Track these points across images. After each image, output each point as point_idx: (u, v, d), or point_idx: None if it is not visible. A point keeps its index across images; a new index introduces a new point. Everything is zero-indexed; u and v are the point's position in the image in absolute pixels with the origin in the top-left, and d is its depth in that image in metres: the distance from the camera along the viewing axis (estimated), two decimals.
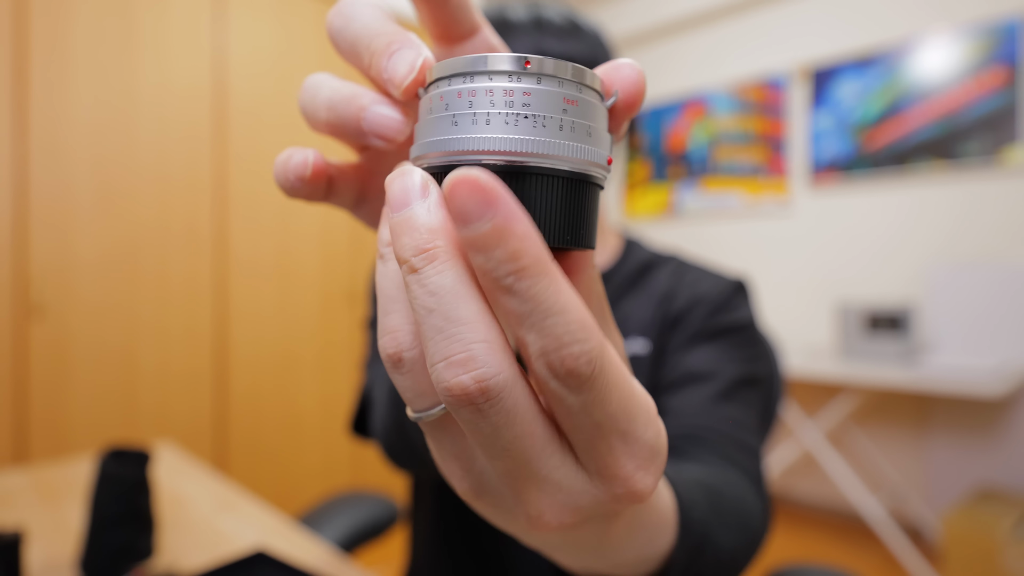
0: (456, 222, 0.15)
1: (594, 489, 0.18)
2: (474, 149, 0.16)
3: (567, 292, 0.15)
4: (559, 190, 0.17)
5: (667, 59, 3.18)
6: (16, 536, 0.60)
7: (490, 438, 0.16)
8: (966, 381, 1.79)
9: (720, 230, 3.00)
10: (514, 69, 0.17)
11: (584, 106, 0.17)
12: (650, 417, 0.18)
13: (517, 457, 0.17)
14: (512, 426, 0.16)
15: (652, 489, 0.18)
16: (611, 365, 0.16)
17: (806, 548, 2.33)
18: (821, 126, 2.63)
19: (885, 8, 2.47)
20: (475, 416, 0.16)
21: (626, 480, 0.18)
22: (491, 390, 0.15)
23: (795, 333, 2.75)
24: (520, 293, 0.14)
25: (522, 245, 0.14)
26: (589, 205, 0.18)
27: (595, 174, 0.17)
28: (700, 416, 0.53)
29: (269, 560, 0.60)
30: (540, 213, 0.17)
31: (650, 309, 0.63)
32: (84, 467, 1.02)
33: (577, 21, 0.62)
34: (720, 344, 0.59)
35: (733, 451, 0.50)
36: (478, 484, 0.20)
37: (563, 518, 0.18)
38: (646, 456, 0.18)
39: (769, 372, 0.86)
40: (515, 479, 0.18)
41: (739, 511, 0.41)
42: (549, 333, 0.15)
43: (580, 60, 0.60)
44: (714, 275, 0.65)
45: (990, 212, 2.23)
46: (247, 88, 2.14)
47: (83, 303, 1.80)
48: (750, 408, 0.56)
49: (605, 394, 0.16)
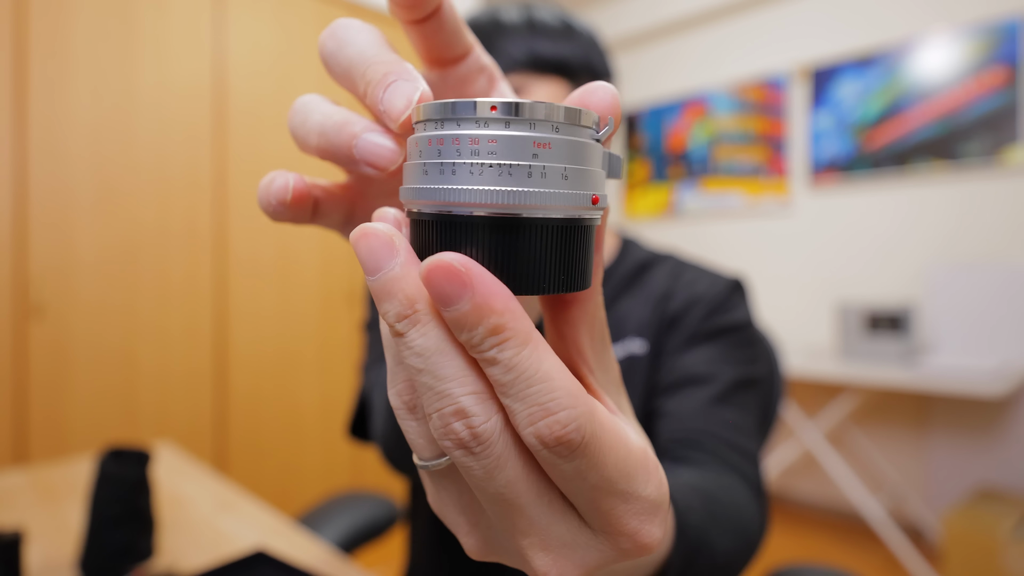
0: (437, 304, 0.15)
1: (600, 544, 0.18)
2: (440, 200, 0.16)
3: (550, 360, 0.16)
4: (539, 237, 0.16)
5: (667, 59, 3.18)
6: (16, 536, 0.60)
7: (484, 482, 0.16)
8: (966, 381, 1.79)
9: (720, 230, 3.00)
10: (481, 116, 0.16)
11: (559, 147, 0.16)
12: (650, 472, 0.18)
13: (512, 503, 0.17)
14: (503, 469, 0.16)
15: (659, 540, 0.18)
16: (602, 429, 0.16)
17: (806, 548, 2.33)
18: (821, 126, 2.63)
19: (885, 8, 2.46)
20: (469, 459, 0.16)
21: (633, 536, 0.18)
22: (481, 435, 0.16)
23: (795, 333, 2.75)
24: (503, 363, 0.15)
25: (502, 320, 0.15)
26: (575, 246, 0.17)
27: (575, 216, 0.17)
28: (698, 420, 0.52)
29: (269, 560, 0.60)
30: (524, 262, 0.16)
31: (647, 309, 0.63)
32: (84, 467, 1.02)
33: (571, 23, 0.62)
34: (717, 345, 0.59)
35: (731, 455, 0.50)
36: (484, 539, 0.20)
37: (570, 574, 0.18)
38: (648, 511, 0.18)
39: (767, 372, 0.86)
40: (515, 530, 0.18)
41: (735, 516, 0.41)
42: (534, 401, 0.15)
43: (573, 60, 0.60)
44: (711, 274, 0.65)
45: (990, 212, 2.23)
46: (247, 88, 2.14)
47: (83, 303, 1.80)
48: (748, 410, 0.56)
49: (599, 459, 0.16)
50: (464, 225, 0.16)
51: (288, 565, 0.59)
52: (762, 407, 0.71)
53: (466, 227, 0.16)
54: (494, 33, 0.59)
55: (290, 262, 2.25)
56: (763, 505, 0.48)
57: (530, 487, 0.17)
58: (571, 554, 0.18)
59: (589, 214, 0.17)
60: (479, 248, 0.16)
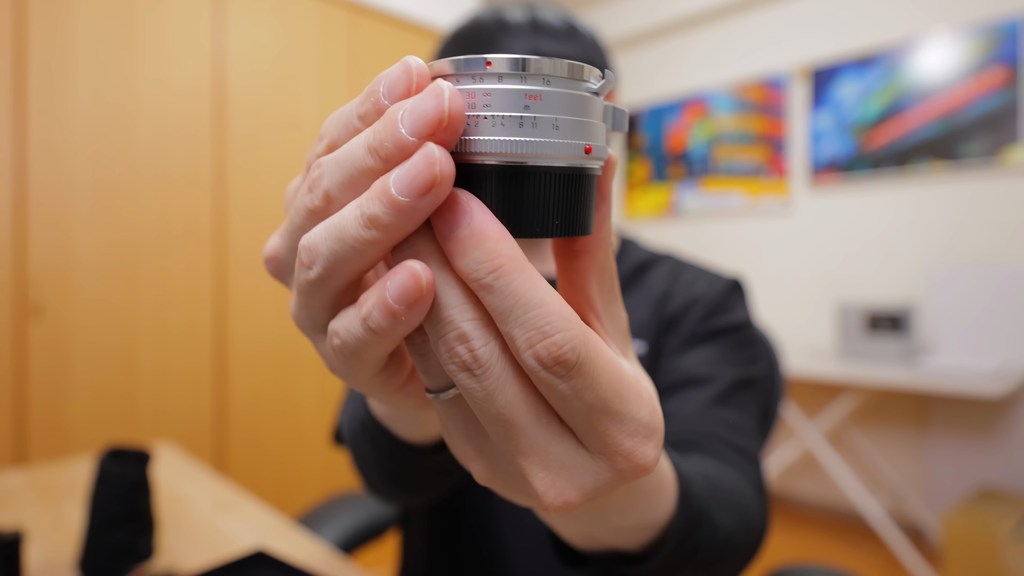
0: (438, 233, 0.17)
1: (597, 466, 0.19)
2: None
3: (544, 287, 0.17)
4: (536, 183, 0.18)
5: (667, 59, 3.18)
6: (16, 536, 0.60)
7: (485, 403, 0.18)
8: (966, 381, 1.79)
9: (720, 230, 3.00)
10: (477, 71, 0.17)
11: (550, 99, 0.17)
12: (643, 398, 0.19)
13: (512, 423, 0.18)
14: (503, 390, 0.17)
15: (654, 460, 0.19)
16: (596, 351, 0.17)
17: (806, 548, 2.33)
18: (821, 126, 2.63)
19: (885, 8, 2.46)
20: (471, 381, 0.17)
21: (628, 455, 0.19)
22: (480, 358, 0.17)
23: (795, 333, 2.75)
24: (500, 290, 0.16)
25: (496, 246, 0.16)
26: (573, 193, 0.18)
27: (574, 164, 0.18)
28: (698, 421, 0.53)
29: (269, 560, 0.60)
30: (523, 206, 0.18)
31: (646, 310, 0.63)
32: (84, 467, 1.02)
33: (574, 24, 0.63)
34: (717, 346, 0.59)
35: (732, 456, 0.50)
36: (490, 465, 0.21)
37: (568, 495, 0.19)
38: (643, 432, 0.19)
39: (767, 372, 0.86)
40: (516, 451, 0.18)
41: (736, 501, 0.41)
42: (531, 325, 0.16)
43: (574, 54, 0.61)
44: (710, 275, 0.65)
45: (990, 212, 2.23)
46: (247, 87, 2.14)
47: (82, 303, 1.80)
48: (748, 411, 0.56)
49: (593, 378, 0.17)
50: (467, 171, 0.18)
51: (288, 565, 0.59)
52: (762, 407, 0.71)
53: (470, 173, 0.18)
54: (498, 32, 0.59)
55: None
56: (764, 504, 0.48)
57: (528, 408, 0.18)
58: (569, 474, 0.19)
59: (587, 163, 0.18)
60: (483, 193, 0.18)
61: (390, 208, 0.16)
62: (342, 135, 0.19)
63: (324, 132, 0.20)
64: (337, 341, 0.19)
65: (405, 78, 0.17)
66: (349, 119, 0.19)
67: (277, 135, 2.22)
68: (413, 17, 2.64)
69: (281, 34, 2.23)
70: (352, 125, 0.19)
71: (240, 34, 2.12)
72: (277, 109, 2.22)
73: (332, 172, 0.18)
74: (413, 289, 0.16)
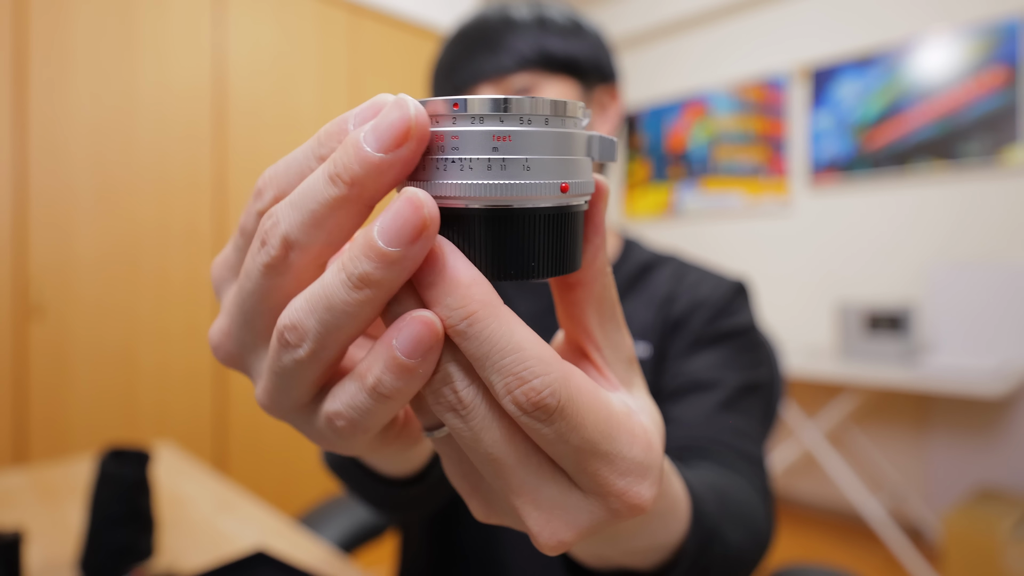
0: (416, 282, 0.17)
1: (591, 505, 0.18)
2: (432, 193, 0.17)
3: (520, 330, 0.16)
4: (518, 226, 0.17)
5: (667, 59, 3.18)
6: (16, 536, 0.60)
7: (473, 443, 0.17)
8: (966, 381, 1.79)
9: (720, 230, 3.00)
10: (445, 112, 0.17)
11: (521, 139, 0.17)
12: (635, 435, 0.19)
13: (501, 463, 0.18)
14: (490, 430, 0.17)
15: (649, 500, 0.19)
16: (579, 392, 0.17)
17: (806, 548, 2.33)
18: (821, 126, 2.63)
19: (885, 8, 2.46)
20: (457, 422, 0.17)
21: (621, 495, 0.18)
22: (464, 399, 0.17)
23: (795, 333, 2.75)
24: (474, 336, 0.16)
25: (468, 291, 0.16)
26: (554, 233, 0.18)
27: (543, 205, 0.17)
28: (704, 427, 0.53)
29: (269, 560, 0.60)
30: (505, 249, 0.17)
31: (651, 312, 0.63)
32: (84, 467, 1.02)
33: (579, 21, 0.62)
34: (722, 350, 0.59)
35: (738, 462, 0.50)
36: (486, 502, 0.21)
37: (562, 535, 0.18)
38: (636, 471, 0.18)
39: (770, 376, 0.86)
40: (509, 491, 0.18)
41: (745, 513, 0.41)
42: (508, 371, 0.16)
43: (582, 60, 0.61)
44: (714, 277, 0.64)
45: (990, 212, 2.23)
46: (247, 88, 2.14)
47: (83, 303, 1.80)
48: (753, 415, 0.56)
49: (578, 420, 0.17)
50: (444, 215, 0.17)
51: (288, 565, 0.59)
52: (765, 410, 0.71)
53: (446, 217, 0.17)
54: (504, 29, 0.59)
55: None
56: (770, 510, 0.48)
57: (516, 449, 0.18)
58: (562, 514, 0.18)
59: (568, 201, 0.18)
60: (461, 237, 0.17)
61: (380, 261, 0.15)
62: (292, 181, 0.18)
63: (264, 186, 0.18)
64: (341, 423, 0.18)
65: (373, 109, 0.17)
66: (302, 163, 0.17)
67: (277, 135, 2.22)
68: (413, 17, 2.64)
69: (281, 34, 2.23)
70: (307, 167, 0.17)
71: (240, 34, 2.12)
72: (277, 110, 2.22)
73: (288, 215, 0.16)
74: (428, 337, 0.16)
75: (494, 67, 0.58)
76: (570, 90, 0.61)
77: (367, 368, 0.17)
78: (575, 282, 0.21)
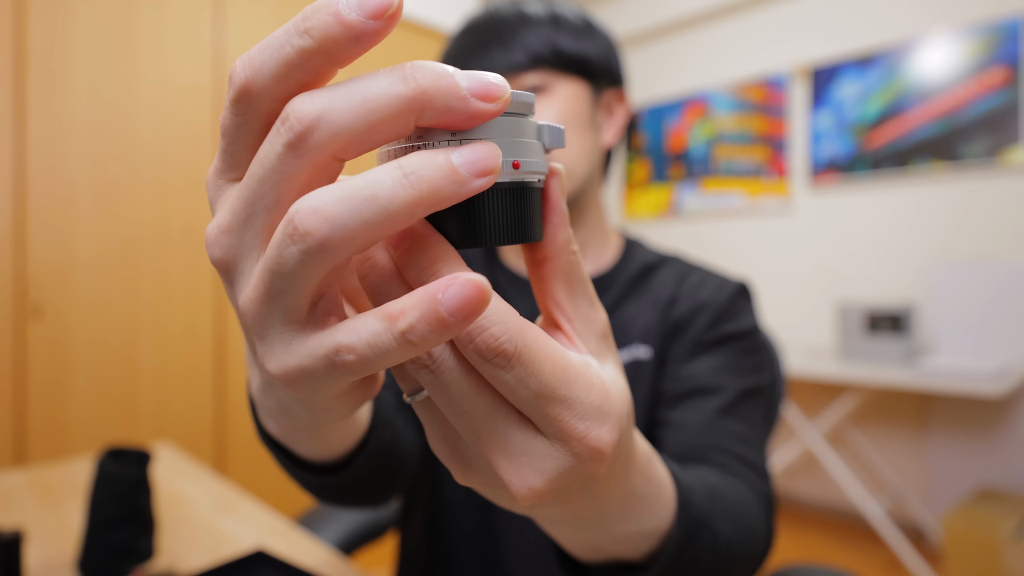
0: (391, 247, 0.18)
1: (555, 451, 0.20)
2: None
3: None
4: (479, 198, 0.20)
5: (667, 59, 3.18)
6: (16, 535, 0.60)
7: (444, 397, 0.19)
8: (966, 381, 1.79)
9: (720, 230, 3.00)
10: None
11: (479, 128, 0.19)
12: (592, 383, 0.20)
13: (471, 415, 0.19)
14: (458, 383, 0.18)
15: (609, 443, 0.20)
16: (536, 341, 0.19)
17: (806, 548, 2.33)
18: (821, 126, 2.63)
19: (885, 8, 2.46)
20: (429, 377, 0.18)
21: (582, 438, 0.19)
22: (434, 354, 0.18)
23: (795, 333, 2.75)
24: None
25: (436, 252, 0.18)
26: (512, 205, 0.20)
27: (514, 180, 0.20)
28: (705, 432, 0.53)
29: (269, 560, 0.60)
30: (469, 219, 0.20)
31: (652, 315, 0.63)
32: (83, 467, 1.02)
33: (591, 21, 0.63)
34: (723, 354, 0.59)
35: (740, 469, 0.50)
36: (464, 462, 0.22)
37: (532, 482, 0.19)
38: (594, 416, 0.20)
39: (772, 379, 0.86)
40: (481, 444, 0.20)
41: (738, 511, 0.41)
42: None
43: (594, 60, 0.61)
44: (716, 278, 0.64)
45: (990, 212, 2.23)
46: None
47: (82, 303, 1.80)
48: (754, 421, 0.56)
49: (535, 367, 0.18)
50: None
51: (288, 565, 0.59)
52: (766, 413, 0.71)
53: None
54: (519, 25, 0.59)
55: None
56: (769, 516, 0.47)
57: (483, 400, 0.19)
58: (531, 462, 0.20)
59: (523, 177, 0.20)
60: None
61: (438, 173, 0.16)
62: (267, 61, 0.16)
63: (235, 73, 0.17)
64: (351, 358, 0.16)
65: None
66: (282, 41, 0.16)
67: None
68: (413, 16, 2.64)
69: None
70: (288, 45, 0.16)
71: (240, 32, 2.12)
72: None
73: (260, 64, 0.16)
74: (476, 301, 0.15)
75: (507, 62, 0.58)
76: (581, 91, 0.61)
77: (400, 311, 0.16)
78: (541, 258, 0.22)
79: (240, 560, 0.59)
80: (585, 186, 0.62)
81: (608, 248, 0.68)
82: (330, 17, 0.15)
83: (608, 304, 0.64)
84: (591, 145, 0.62)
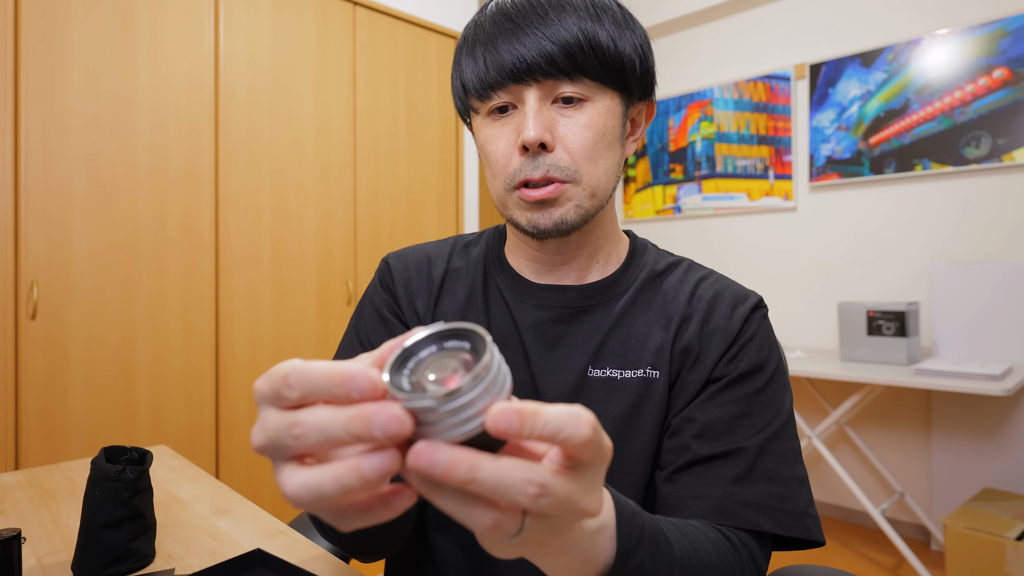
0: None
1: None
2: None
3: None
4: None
5: (669, 58, 3.17)
6: (17, 532, 0.59)
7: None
8: (968, 381, 1.79)
9: (721, 230, 2.99)
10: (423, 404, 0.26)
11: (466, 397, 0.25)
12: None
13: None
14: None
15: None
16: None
17: None
18: (822, 125, 2.63)
19: (887, 8, 2.46)
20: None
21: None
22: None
23: (796, 333, 2.75)
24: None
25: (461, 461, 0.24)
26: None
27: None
28: (722, 508, 0.53)
29: (267, 561, 0.59)
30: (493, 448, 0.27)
31: (663, 335, 0.61)
32: (81, 468, 1.01)
33: (630, 15, 0.59)
34: (739, 400, 0.57)
35: (746, 543, 0.52)
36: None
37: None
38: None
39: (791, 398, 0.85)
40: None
41: (702, 566, 0.45)
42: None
43: (630, 53, 0.57)
44: (729, 295, 0.62)
45: (991, 212, 2.23)
46: (245, 83, 2.13)
47: (79, 302, 1.79)
48: (776, 467, 0.55)
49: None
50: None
51: (286, 565, 0.59)
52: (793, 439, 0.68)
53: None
54: (557, 10, 0.54)
55: (287, 259, 2.25)
56: None
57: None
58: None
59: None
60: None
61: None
62: (318, 389, 0.28)
63: (291, 381, 0.28)
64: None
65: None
66: (336, 387, 0.27)
67: (276, 131, 2.21)
68: (413, 14, 2.63)
69: (280, 30, 2.22)
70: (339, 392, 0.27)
71: (238, 29, 2.11)
72: (275, 105, 2.21)
73: (314, 435, 0.27)
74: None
75: (539, 51, 0.53)
76: (614, 105, 0.57)
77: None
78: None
79: (239, 560, 0.58)
80: (606, 201, 0.60)
81: (618, 251, 0.66)
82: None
83: (616, 312, 0.62)
84: (617, 161, 0.59)
